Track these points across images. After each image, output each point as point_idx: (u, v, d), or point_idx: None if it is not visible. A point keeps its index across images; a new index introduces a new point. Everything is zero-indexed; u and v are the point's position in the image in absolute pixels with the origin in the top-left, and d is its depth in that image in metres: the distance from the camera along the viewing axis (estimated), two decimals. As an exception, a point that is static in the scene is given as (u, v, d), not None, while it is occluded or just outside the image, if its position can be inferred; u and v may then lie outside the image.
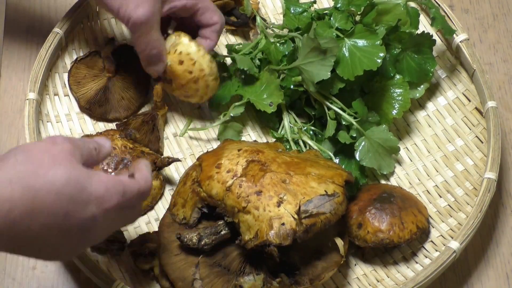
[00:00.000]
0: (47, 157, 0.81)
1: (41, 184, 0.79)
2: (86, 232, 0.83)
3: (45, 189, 0.79)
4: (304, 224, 0.98)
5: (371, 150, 1.12)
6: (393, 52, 1.15)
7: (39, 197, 0.78)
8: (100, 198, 0.83)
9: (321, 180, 1.02)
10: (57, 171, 0.80)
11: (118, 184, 0.85)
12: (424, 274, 1.03)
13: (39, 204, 0.78)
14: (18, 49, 1.26)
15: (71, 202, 0.80)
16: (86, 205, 0.82)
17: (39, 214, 0.79)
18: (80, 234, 0.83)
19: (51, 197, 0.79)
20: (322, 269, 1.03)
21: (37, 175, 0.79)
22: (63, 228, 0.81)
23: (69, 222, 0.81)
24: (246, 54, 1.19)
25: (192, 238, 1.02)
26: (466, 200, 1.13)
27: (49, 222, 0.80)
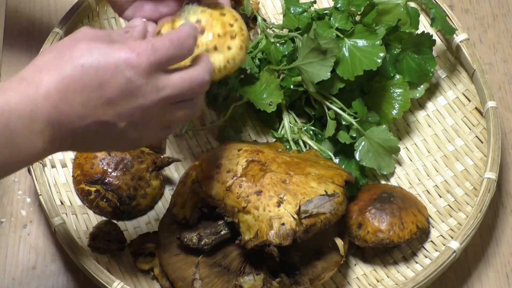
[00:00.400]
0: (70, 40, 0.82)
1: (65, 62, 0.80)
2: (131, 96, 0.82)
3: (70, 66, 0.80)
4: (304, 224, 0.99)
5: (371, 150, 1.12)
6: (393, 52, 1.15)
7: (67, 75, 0.79)
8: (129, 59, 0.81)
9: (321, 180, 1.02)
10: (78, 46, 0.80)
11: (145, 43, 0.82)
12: (424, 274, 1.03)
13: (69, 82, 0.79)
14: (18, 49, 1.26)
15: (99, 70, 0.80)
16: (115, 69, 0.80)
17: (74, 93, 0.80)
18: (125, 100, 0.82)
19: (77, 71, 0.80)
20: (322, 269, 1.03)
21: (62, 55, 0.80)
22: (104, 99, 0.81)
23: (106, 91, 0.81)
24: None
25: (192, 238, 1.02)
26: (466, 200, 1.13)
27: (86, 97, 0.80)
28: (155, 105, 0.83)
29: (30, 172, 1.09)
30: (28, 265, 1.11)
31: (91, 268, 1.02)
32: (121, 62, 0.80)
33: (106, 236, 1.08)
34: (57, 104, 0.80)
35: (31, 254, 1.12)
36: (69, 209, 1.11)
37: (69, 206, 1.11)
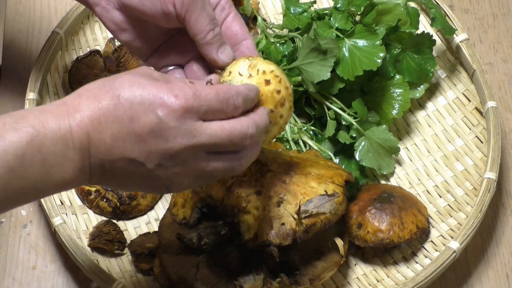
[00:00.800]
0: (121, 73, 0.82)
1: (104, 92, 0.80)
2: (160, 136, 0.80)
3: (108, 96, 0.79)
4: (304, 224, 0.99)
5: (371, 150, 1.12)
6: (393, 52, 1.15)
7: (103, 105, 0.79)
8: (164, 98, 0.80)
9: (321, 180, 1.02)
10: (122, 78, 0.80)
11: (188, 88, 0.81)
12: (424, 274, 1.03)
13: (103, 112, 0.79)
14: (18, 49, 1.26)
15: (133, 104, 0.79)
16: (149, 106, 0.79)
17: (106, 123, 0.79)
18: (155, 139, 0.80)
19: (113, 102, 0.79)
20: (322, 269, 1.03)
21: (104, 85, 0.81)
22: (133, 134, 0.80)
23: (136, 127, 0.79)
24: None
25: (192, 238, 1.02)
26: (466, 200, 1.13)
27: (117, 130, 0.79)
28: (186, 151, 0.81)
29: (30, 172, 1.09)
30: (28, 265, 1.11)
31: (91, 268, 1.02)
32: (156, 100, 0.79)
33: (106, 236, 1.08)
34: (89, 133, 0.79)
35: (31, 254, 1.12)
36: (69, 209, 1.11)
37: (69, 206, 1.11)
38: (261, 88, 0.90)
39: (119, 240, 1.09)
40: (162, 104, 0.79)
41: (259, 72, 0.91)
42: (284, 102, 0.91)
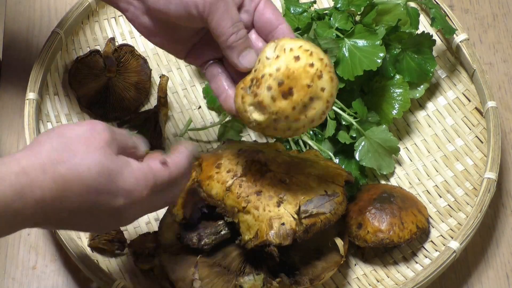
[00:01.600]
0: (83, 145, 0.82)
1: (73, 175, 0.80)
2: (116, 218, 0.84)
3: (76, 181, 0.80)
4: (304, 224, 0.98)
5: (371, 150, 1.12)
6: (393, 52, 1.15)
7: (69, 187, 0.80)
8: (130, 191, 0.83)
9: (321, 180, 1.02)
10: (90, 163, 0.81)
11: (149, 175, 0.85)
12: (424, 274, 1.03)
13: (69, 194, 0.80)
14: (18, 49, 1.26)
15: (100, 194, 0.81)
16: (115, 197, 0.82)
17: (68, 202, 0.80)
18: (110, 219, 0.84)
19: (80, 188, 0.80)
20: (322, 269, 1.03)
21: (71, 164, 0.80)
22: (92, 214, 0.82)
23: (97, 210, 0.82)
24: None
25: (192, 238, 1.02)
26: (466, 200, 1.13)
27: (78, 209, 0.81)
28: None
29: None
30: (28, 265, 1.11)
31: (91, 268, 1.02)
32: (122, 192, 0.84)
33: (106, 236, 1.08)
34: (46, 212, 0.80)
35: (31, 254, 1.12)
36: (69, 209, 1.11)
37: (69, 206, 1.11)
38: (291, 66, 0.89)
39: (119, 240, 1.08)
40: (128, 195, 0.83)
41: (286, 51, 0.90)
42: (321, 74, 0.89)
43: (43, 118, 1.15)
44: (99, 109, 1.18)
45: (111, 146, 0.83)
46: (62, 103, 1.18)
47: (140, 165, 0.85)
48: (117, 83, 1.19)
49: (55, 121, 1.16)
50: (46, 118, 1.16)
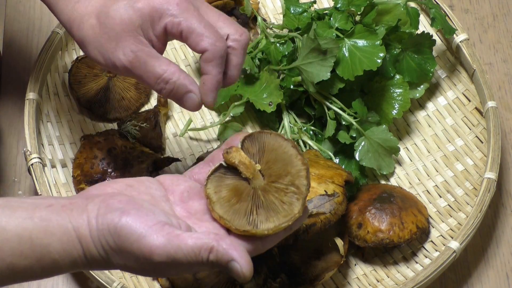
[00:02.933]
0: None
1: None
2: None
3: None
4: (304, 224, 0.98)
5: (371, 150, 1.12)
6: (393, 52, 1.15)
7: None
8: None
9: (321, 180, 1.02)
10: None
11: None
12: (424, 274, 1.03)
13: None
14: (18, 49, 1.26)
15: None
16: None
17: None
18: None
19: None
20: (322, 269, 1.03)
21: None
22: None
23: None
24: (247, 53, 1.19)
25: (192, 238, 1.02)
26: (466, 200, 1.13)
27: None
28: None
29: (30, 172, 1.09)
30: (28, 265, 1.11)
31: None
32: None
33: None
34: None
35: (31, 254, 1.12)
36: (69, 209, 1.11)
37: (69, 206, 1.11)
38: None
39: (119, 240, 1.08)
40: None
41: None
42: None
43: (43, 118, 1.15)
44: (99, 109, 1.18)
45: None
46: (62, 103, 1.18)
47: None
48: (117, 83, 1.19)
49: (55, 121, 1.16)
50: (46, 118, 1.16)
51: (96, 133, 1.15)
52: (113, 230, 0.78)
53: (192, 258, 0.78)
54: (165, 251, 0.77)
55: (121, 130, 1.15)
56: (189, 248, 0.77)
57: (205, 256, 0.77)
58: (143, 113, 1.18)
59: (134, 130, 1.14)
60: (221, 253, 0.77)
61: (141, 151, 1.13)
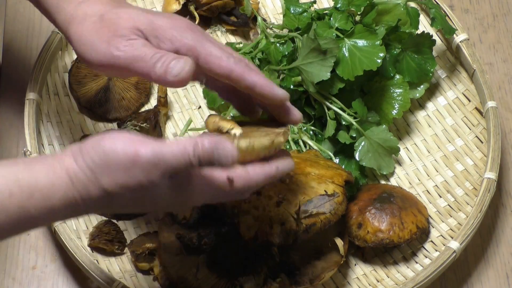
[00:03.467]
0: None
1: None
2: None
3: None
4: (304, 224, 0.99)
5: (371, 150, 1.12)
6: (393, 52, 1.15)
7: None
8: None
9: (321, 180, 1.02)
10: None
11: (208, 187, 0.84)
12: (424, 274, 1.03)
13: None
14: (18, 49, 1.26)
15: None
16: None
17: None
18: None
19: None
20: (322, 269, 1.03)
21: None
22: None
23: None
24: (247, 53, 1.20)
25: (192, 238, 1.02)
26: (466, 200, 1.13)
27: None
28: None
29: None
30: (28, 265, 1.11)
31: (91, 268, 1.02)
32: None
33: (106, 236, 1.08)
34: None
35: (31, 254, 1.12)
36: (69, 209, 1.11)
37: (69, 206, 1.11)
38: None
39: (119, 240, 1.09)
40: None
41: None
42: None
43: (43, 118, 1.15)
44: (99, 109, 1.18)
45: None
46: (62, 103, 1.18)
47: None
48: (117, 83, 1.19)
49: (55, 121, 1.16)
50: (46, 118, 1.16)
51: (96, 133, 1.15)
52: (97, 146, 0.79)
53: (178, 153, 0.78)
54: (151, 147, 0.78)
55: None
56: (174, 144, 0.79)
57: (191, 150, 0.79)
58: (143, 113, 1.18)
59: (134, 130, 1.14)
60: (206, 143, 0.79)
61: (141, 151, 1.13)
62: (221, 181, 0.84)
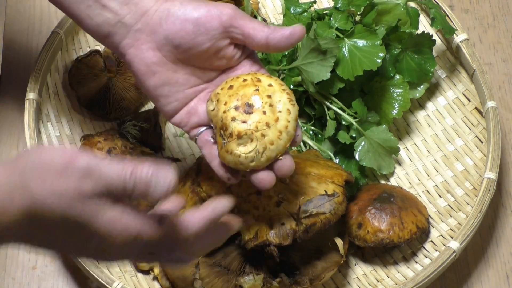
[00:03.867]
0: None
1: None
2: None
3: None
4: (304, 224, 0.99)
5: (371, 150, 1.12)
6: (393, 52, 1.15)
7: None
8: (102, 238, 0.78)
9: (321, 180, 1.02)
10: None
11: (131, 230, 0.79)
12: (424, 274, 1.03)
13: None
14: (18, 49, 1.26)
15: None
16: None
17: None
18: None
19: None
20: (322, 269, 1.03)
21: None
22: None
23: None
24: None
25: (192, 238, 1.02)
26: (466, 200, 1.13)
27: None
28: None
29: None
30: (28, 265, 1.11)
31: (91, 268, 1.02)
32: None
33: (106, 236, 1.08)
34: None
35: (31, 254, 1.12)
36: (69, 209, 1.11)
37: (69, 206, 1.11)
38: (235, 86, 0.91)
39: (119, 240, 1.08)
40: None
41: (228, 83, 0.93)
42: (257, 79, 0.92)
43: (43, 118, 1.15)
44: (99, 109, 1.18)
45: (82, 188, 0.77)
46: (62, 103, 1.18)
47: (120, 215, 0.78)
48: (117, 83, 1.19)
49: (55, 121, 1.16)
50: (46, 118, 1.16)
51: (96, 133, 1.15)
52: (33, 153, 0.76)
53: (115, 170, 0.76)
54: (88, 158, 0.75)
55: (121, 130, 1.15)
56: (114, 162, 0.76)
57: (129, 171, 0.76)
58: (143, 113, 1.18)
59: (134, 130, 1.14)
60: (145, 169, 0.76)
61: (141, 151, 1.13)
62: (146, 222, 0.79)
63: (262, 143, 0.89)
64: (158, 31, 0.92)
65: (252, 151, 0.89)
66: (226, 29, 0.91)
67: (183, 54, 0.93)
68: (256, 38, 0.92)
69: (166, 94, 0.94)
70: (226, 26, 0.92)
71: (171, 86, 0.94)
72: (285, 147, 0.91)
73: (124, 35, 0.93)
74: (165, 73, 0.94)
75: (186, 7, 0.92)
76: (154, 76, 0.93)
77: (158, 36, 0.92)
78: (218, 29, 0.91)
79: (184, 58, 0.93)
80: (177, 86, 0.94)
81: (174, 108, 0.95)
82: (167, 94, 0.94)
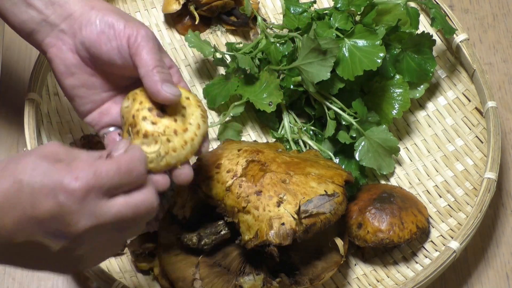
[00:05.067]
0: (26, 153, 0.79)
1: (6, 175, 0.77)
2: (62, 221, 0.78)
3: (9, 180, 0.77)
4: (304, 224, 0.99)
5: (371, 150, 1.12)
6: (393, 52, 1.15)
7: (3, 189, 0.77)
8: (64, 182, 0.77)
9: (321, 180, 1.02)
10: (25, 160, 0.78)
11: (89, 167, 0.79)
12: (424, 274, 1.03)
13: (4, 197, 0.77)
14: (18, 49, 1.26)
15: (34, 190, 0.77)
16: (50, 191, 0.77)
17: (7, 209, 0.77)
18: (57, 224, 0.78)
19: (15, 187, 0.77)
20: (322, 269, 1.03)
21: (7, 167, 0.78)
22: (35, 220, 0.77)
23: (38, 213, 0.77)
24: (246, 53, 1.20)
25: (192, 238, 1.02)
26: (466, 200, 1.13)
27: (18, 215, 0.77)
28: (91, 231, 0.78)
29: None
30: (28, 265, 1.11)
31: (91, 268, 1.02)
32: (56, 185, 0.76)
33: (106, 236, 1.08)
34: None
35: (31, 254, 1.12)
36: (69, 209, 1.11)
37: (69, 206, 1.11)
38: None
39: (119, 240, 1.08)
40: (62, 188, 0.76)
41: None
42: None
43: (43, 118, 1.15)
44: (99, 109, 1.18)
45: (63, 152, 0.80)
46: (62, 103, 1.18)
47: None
48: (117, 83, 1.19)
49: (55, 121, 1.16)
50: (46, 118, 1.16)
51: (96, 133, 1.15)
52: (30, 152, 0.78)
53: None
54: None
55: (121, 130, 1.15)
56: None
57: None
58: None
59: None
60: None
61: (141, 151, 1.13)
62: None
63: (165, 147, 0.89)
64: (78, 36, 0.93)
65: (154, 153, 0.89)
66: (131, 52, 0.91)
67: (98, 62, 0.94)
68: (144, 80, 0.91)
69: (82, 95, 0.96)
70: (131, 51, 0.91)
71: (87, 88, 0.95)
72: (186, 158, 0.91)
73: (47, 33, 0.95)
74: (83, 75, 0.95)
75: (107, 18, 0.92)
76: (72, 77, 0.95)
77: (77, 40, 0.93)
78: (127, 51, 0.92)
79: (99, 66, 0.94)
80: (93, 89, 0.96)
81: (88, 109, 0.97)
82: (82, 95, 0.96)
